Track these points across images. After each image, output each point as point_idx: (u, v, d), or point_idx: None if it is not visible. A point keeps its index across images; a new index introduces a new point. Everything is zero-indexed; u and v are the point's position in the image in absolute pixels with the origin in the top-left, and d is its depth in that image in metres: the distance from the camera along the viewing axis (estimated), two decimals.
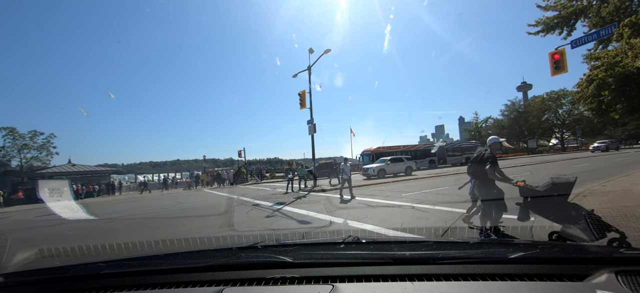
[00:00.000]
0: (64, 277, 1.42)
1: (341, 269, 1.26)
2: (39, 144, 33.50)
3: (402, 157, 21.61)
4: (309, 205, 9.44)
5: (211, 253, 1.68)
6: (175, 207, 12.33)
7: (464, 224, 4.80)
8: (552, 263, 1.18)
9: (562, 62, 11.35)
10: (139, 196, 23.20)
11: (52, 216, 12.28)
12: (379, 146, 28.43)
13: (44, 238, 7.33)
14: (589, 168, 15.46)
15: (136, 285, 1.30)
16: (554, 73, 11.70)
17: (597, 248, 1.39)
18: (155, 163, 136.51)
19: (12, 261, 2.02)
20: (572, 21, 16.27)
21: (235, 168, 30.68)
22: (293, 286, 1.18)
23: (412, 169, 21.10)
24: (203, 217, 9.09)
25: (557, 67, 11.41)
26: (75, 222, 10.27)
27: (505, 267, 1.18)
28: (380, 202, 9.08)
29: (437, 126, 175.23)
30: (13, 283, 1.40)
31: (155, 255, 1.70)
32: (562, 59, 11.36)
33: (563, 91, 54.78)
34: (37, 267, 1.60)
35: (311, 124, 15.46)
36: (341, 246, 1.58)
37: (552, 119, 56.46)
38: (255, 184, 24.50)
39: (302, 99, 15.45)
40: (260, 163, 51.84)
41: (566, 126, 55.59)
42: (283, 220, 7.12)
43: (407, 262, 1.27)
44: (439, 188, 11.37)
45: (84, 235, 7.50)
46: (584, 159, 23.54)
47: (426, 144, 35.00)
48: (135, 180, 41.71)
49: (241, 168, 29.07)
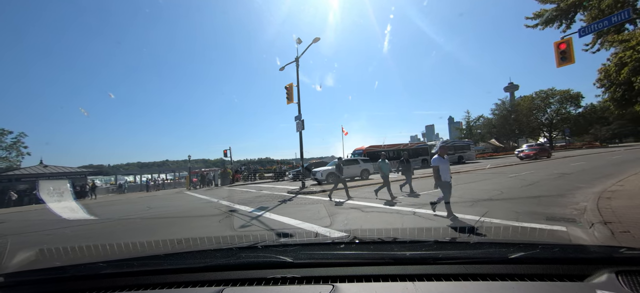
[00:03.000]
0: (64, 277, 1.41)
1: (341, 269, 1.26)
2: (7, 143, 31.06)
3: (358, 160, 19.49)
4: (297, 209, 8.28)
5: (211, 253, 1.64)
6: (140, 213, 10.88)
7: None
8: (552, 263, 1.17)
9: (568, 52, 10.56)
10: (108, 200, 21.41)
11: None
12: (371, 145, 27.56)
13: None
14: (587, 167, 14.86)
15: (136, 285, 1.30)
16: (560, 64, 10.91)
17: (597, 248, 1.36)
18: (143, 164, 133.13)
19: (12, 261, 1.90)
20: (571, 14, 15.67)
21: (222, 169, 29.21)
22: (293, 286, 1.18)
23: (369, 173, 18.65)
24: (168, 226, 7.76)
25: (564, 58, 10.61)
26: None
27: (505, 267, 1.17)
28: (377, 205, 7.98)
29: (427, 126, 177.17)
30: (13, 283, 1.39)
31: (155, 255, 1.69)
32: (569, 48, 10.56)
33: (552, 90, 55.39)
34: (37, 267, 1.57)
35: (299, 120, 14.22)
36: (341, 246, 1.56)
37: (540, 118, 56.98)
38: (242, 185, 23.10)
39: (289, 93, 14.20)
40: (250, 164, 49.93)
41: (554, 125, 56.16)
42: (261, 233, 5.91)
43: (407, 262, 1.26)
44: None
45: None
46: (579, 157, 23.23)
47: (419, 143, 34.29)
48: (115, 181, 39.72)
49: (227, 169, 27.59)
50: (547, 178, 11.60)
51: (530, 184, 10.14)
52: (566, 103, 55.24)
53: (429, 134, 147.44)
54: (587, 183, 9.43)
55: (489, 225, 4.73)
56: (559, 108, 55.52)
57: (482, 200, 7.51)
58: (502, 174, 14.38)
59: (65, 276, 1.41)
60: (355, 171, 18.30)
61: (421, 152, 29.29)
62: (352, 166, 18.46)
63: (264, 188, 18.18)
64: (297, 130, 14.47)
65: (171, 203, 13.68)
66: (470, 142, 32.69)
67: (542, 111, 56.27)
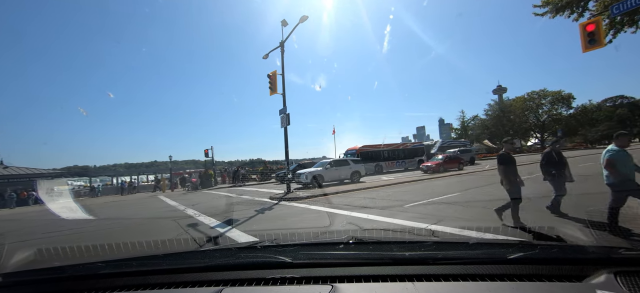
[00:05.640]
0: (62, 277, 1.40)
1: (340, 269, 1.25)
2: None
3: (348, 160, 17.38)
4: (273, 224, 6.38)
5: (210, 253, 1.63)
6: (65, 229, 8.56)
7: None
8: (551, 263, 1.17)
9: (597, 33, 9.05)
10: (61, 207, 18.94)
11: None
12: (364, 144, 25.85)
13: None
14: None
15: (135, 285, 1.29)
16: (587, 48, 9.42)
17: (596, 248, 1.35)
18: (131, 165, 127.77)
19: (10, 261, 1.81)
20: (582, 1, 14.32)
21: (203, 170, 26.94)
22: (292, 286, 1.17)
23: (360, 175, 16.27)
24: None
25: (592, 41, 9.11)
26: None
27: (505, 268, 1.17)
28: (375, 218, 6.15)
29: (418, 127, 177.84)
30: (11, 283, 1.39)
31: (154, 255, 1.69)
32: (598, 29, 9.06)
33: (544, 91, 55.22)
34: (35, 267, 1.55)
35: (284, 114, 12.28)
36: (340, 246, 1.54)
37: (532, 119, 56.77)
38: (225, 188, 20.94)
39: (272, 82, 12.21)
40: (243, 164, 46.99)
41: (546, 126, 55.98)
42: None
43: (406, 262, 1.25)
44: (444, 195, 8.65)
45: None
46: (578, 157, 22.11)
47: (415, 143, 32.76)
48: (90, 183, 36.92)
49: (208, 171, 25.35)
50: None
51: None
52: (558, 104, 55.18)
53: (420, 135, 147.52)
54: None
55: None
56: (550, 109, 55.41)
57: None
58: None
59: (63, 276, 1.40)
60: (344, 173, 15.95)
61: (419, 152, 27.73)
62: (341, 168, 16.15)
63: (246, 191, 16.14)
64: (282, 126, 12.53)
65: (128, 212, 11.56)
66: (467, 141, 31.34)
67: (535, 112, 56.05)
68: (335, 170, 15.90)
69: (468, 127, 53.36)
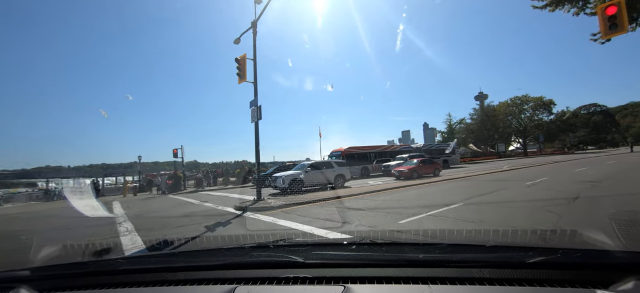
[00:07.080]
0: (86, 272, 1.44)
1: (353, 270, 1.24)
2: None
3: (331, 162, 15.61)
4: None
5: (224, 251, 1.66)
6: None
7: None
8: (574, 268, 1.10)
9: (620, 17, 7.73)
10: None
11: None
12: (351, 146, 24.26)
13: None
14: (614, 171, 12.38)
15: (152, 282, 1.32)
16: (607, 34, 8.14)
17: (623, 253, 1.21)
18: (108, 166, 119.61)
19: (38, 256, 1.81)
20: None
21: (172, 172, 24.32)
22: (305, 286, 1.17)
23: (345, 179, 14.67)
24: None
25: (614, 25, 7.78)
26: None
27: (524, 272, 1.10)
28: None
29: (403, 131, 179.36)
30: (38, 277, 1.43)
31: (170, 253, 1.77)
32: (621, 12, 7.75)
33: (526, 97, 56.08)
34: (60, 262, 1.63)
35: (255, 107, 10.30)
36: (353, 247, 1.54)
37: (515, 124, 57.52)
38: (190, 193, 18.55)
39: (240, 68, 10.19)
40: (227, 166, 43.68)
41: (527, 131, 56.83)
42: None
43: (420, 264, 1.22)
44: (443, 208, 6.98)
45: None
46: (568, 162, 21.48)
47: (402, 145, 31.53)
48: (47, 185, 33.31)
49: (177, 173, 22.80)
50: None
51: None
52: (539, 109, 56.16)
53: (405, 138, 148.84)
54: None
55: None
56: (531, 114, 56.34)
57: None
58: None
59: (86, 271, 1.45)
60: (327, 177, 13.96)
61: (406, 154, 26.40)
62: (324, 171, 14.22)
63: (212, 198, 13.92)
64: (252, 120, 10.52)
65: (41, 225, 9.19)
66: (455, 144, 30.39)
67: (517, 117, 56.80)
68: (318, 173, 13.95)
69: (455, 130, 53.26)
